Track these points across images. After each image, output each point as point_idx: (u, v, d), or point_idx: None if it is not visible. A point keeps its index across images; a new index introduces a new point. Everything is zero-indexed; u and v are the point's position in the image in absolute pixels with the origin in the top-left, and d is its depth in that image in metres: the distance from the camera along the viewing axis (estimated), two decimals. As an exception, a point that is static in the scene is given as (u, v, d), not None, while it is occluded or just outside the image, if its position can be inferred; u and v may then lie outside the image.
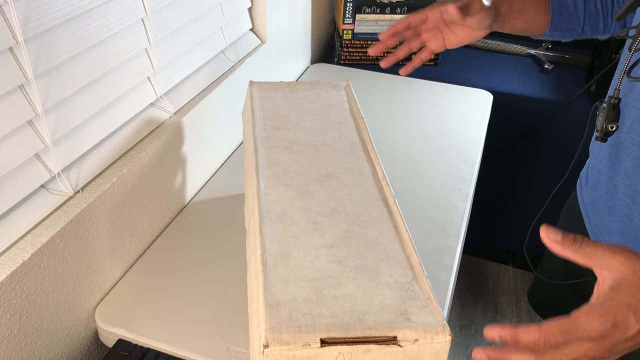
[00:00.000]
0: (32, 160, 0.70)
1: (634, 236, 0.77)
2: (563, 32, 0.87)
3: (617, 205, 0.79)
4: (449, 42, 0.86)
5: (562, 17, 0.86)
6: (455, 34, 0.85)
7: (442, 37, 0.86)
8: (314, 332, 0.49)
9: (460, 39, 0.85)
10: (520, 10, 0.85)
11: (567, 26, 0.86)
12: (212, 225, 0.96)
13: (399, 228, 0.64)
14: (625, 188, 0.77)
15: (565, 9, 0.85)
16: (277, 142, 0.77)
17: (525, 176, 1.67)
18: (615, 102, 0.64)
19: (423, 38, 0.88)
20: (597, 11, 0.85)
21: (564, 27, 0.86)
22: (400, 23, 0.86)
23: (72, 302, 0.77)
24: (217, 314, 0.79)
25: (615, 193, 0.79)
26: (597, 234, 0.85)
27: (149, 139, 0.88)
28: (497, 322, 1.80)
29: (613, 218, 0.80)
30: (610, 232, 0.81)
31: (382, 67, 0.89)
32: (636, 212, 0.75)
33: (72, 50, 0.70)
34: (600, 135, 0.66)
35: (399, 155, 1.16)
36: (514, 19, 0.85)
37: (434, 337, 0.51)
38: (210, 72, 1.04)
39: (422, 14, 0.85)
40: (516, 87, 1.52)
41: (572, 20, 0.86)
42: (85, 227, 0.75)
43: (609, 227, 0.81)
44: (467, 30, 0.84)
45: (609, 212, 0.81)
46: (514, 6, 0.84)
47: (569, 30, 0.87)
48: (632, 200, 0.76)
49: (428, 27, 0.86)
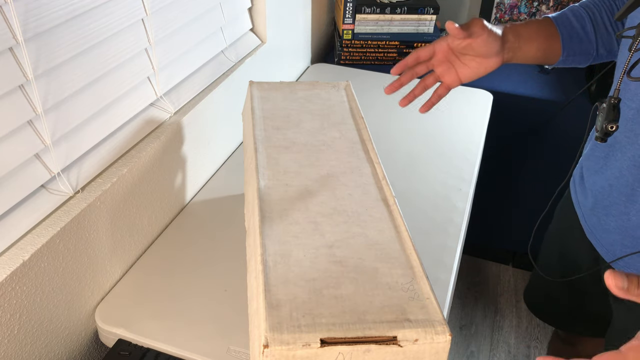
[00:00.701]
0: (32, 160, 0.70)
1: (632, 234, 0.77)
2: (577, 57, 0.86)
3: (614, 204, 0.79)
4: (463, 75, 0.85)
5: (572, 42, 0.85)
6: (467, 65, 0.83)
7: (454, 70, 0.85)
8: (314, 332, 0.49)
9: (473, 70, 0.83)
10: (529, 37, 0.84)
11: (580, 50, 0.86)
12: (212, 225, 0.96)
13: (399, 228, 0.64)
14: (621, 187, 0.77)
15: (575, 34, 0.85)
16: (277, 142, 0.77)
17: (525, 176, 1.67)
18: (615, 102, 0.64)
19: (437, 73, 0.86)
20: (608, 33, 0.85)
21: (577, 52, 0.86)
22: (410, 57, 0.85)
23: (72, 302, 0.77)
24: (217, 314, 0.79)
25: (611, 192, 0.79)
26: (594, 232, 0.85)
27: (149, 139, 0.88)
28: (497, 322, 1.80)
29: (610, 217, 0.80)
30: (608, 231, 0.82)
31: (401, 106, 0.89)
32: (634, 211, 0.76)
33: (72, 50, 0.70)
34: (600, 135, 0.66)
35: (399, 155, 1.16)
36: (524, 46, 0.84)
37: (434, 337, 0.51)
38: (210, 72, 1.04)
39: (430, 47, 0.84)
40: (516, 87, 1.52)
41: (584, 44, 0.85)
42: (85, 227, 0.75)
43: (606, 226, 0.82)
44: (478, 60, 0.82)
45: (605, 211, 0.81)
46: (521, 33, 0.84)
47: (583, 55, 0.86)
48: (629, 198, 0.76)
49: (438, 60, 0.85)
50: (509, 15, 1.74)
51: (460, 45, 0.81)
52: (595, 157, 0.84)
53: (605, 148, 0.80)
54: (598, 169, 0.82)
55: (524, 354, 1.71)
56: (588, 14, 0.85)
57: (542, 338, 1.76)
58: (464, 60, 0.83)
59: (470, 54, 0.82)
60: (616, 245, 0.80)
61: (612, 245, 0.81)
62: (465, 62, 0.84)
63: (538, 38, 0.84)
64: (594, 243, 0.86)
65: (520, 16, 1.73)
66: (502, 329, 1.79)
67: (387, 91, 0.87)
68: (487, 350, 1.72)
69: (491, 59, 0.82)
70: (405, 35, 1.56)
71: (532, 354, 1.71)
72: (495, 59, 0.82)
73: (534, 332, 1.78)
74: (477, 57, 0.82)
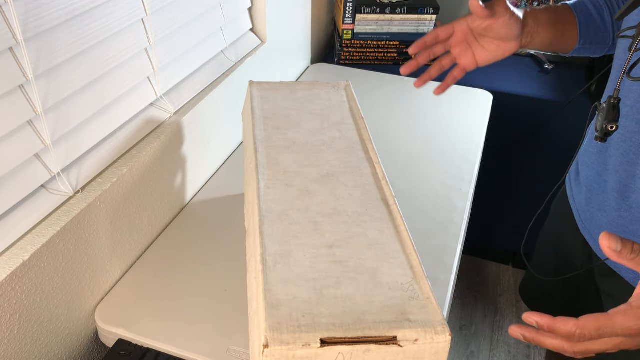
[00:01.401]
0: (32, 160, 0.70)
1: (624, 230, 0.77)
2: (593, 46, 0.86)
3: (607, 200, 0.79)
4: (480, 58, 0.84)
5: (590, 30, 0.84)
6: (485, 48, 0.82)
7: (472, 52, 0.84)
8: (314, 332, 0.49)
9: (491, 53, 0.82)
10: (548, 23, 0.83)
11: (596, 39, 0.85)
12: (212, 225, 0.96)
13: (399, 228, 0.64)
14: (614, 183, 0.77)
15: (593, 23, 0.84)
16: (277, 142, 0.77)
17: (525, 176, 1.67)
18: (615, 102, 0.64)
19: (453, 54, 0.85)
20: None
21: (594, 41, 0.85)
22: (429, 35, 0.84)
23: (72, 302, 0.77)
24: (217, 314, 0.79)
25: (605, 188, 0.80)
26: (588, 228, 0.86)
27: (149, 139, 0.88)
28: (497, 322, 1.80)
29: (603, 213, 0.81)
30: (600, 226, 0.82)
31: (416, 87, 0.88)
32: (625, 207, 0.76)
33: (72, 50, 0.70)
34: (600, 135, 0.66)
35: (399, 155, 1.16)
36: (543, 31, 0.83)
37: (434, 337, 0.51)
38: (210, 72, 1.04)
39: (449, 27, 0.83)
40: (516, 87, 1.52)
41: (601, 33, 0.85)
42: (85, 227, 0.75)
43: (599, 221, 0.82)
44: (497, 43, 0.81)
45: (599, 207, 0.81)
46: (540, 19, 0.83)
47: (599, 44, 0.85)
48: (621, 195, 0.76)
49: (457, 41, 0.84)
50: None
51: (481, 26, 0.80)
52: (590, 153, 0.84)
53: (600, 144, 0.80)
54: (592, 164, 0.83)
55: (524, 354, 1.71)
56: (606, 3, 0.85)
57: (542, 338, 1.76)
58: (482, 42, 0.82)
59: (490, 36, 0.81)
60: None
61: None
62: (483, 45, 0.83)
63: (556, 24, 0.83)
64: (588, 239, 0.86)
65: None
66: (502, 329, 1.79)
67: (404, 71, 0.86)
68: (487, 350, 1.72)
69: (510, 42, 0.81)
70: (405, 35, 1.56)
71: (532, 354, 1.71)
72: (514, 43, 0.82)
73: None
74: (495, 39, 0.81)
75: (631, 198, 0.75)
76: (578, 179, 0.89)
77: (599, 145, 0.81)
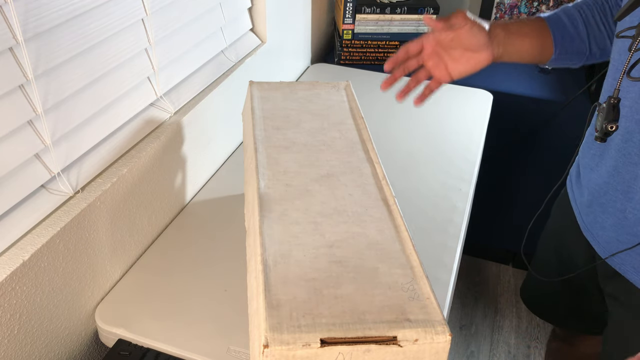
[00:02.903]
0: (32, 160, 0.70)
1: (629, 231, 0.77)
2: (570, 55, 0.87)
3: (610, 201, 0.79)
4: (453, 70, 0.85)
5: (564, 41, 0.85)
6: (457, 60, 0.84)
7: (444, 65, 0.85)
8: (314, 332, 0.49)
9: (463, 64, 0.84)
10: (519, 33, 0.84)
11: (572, 49, 0.86)
12: (212, 225, 0.96)
13: (399, 228, 0.64)
14: (617, 184, 0.77)
15: (567, 33, 0.85)
16: (277, 142, 0.77)
17: (525, 176, 1.67)
18: (615, 102, 0.64)
19: (427, 67, 0.87)
20: (600, 32, 0.85)
21: (569, 50, 0.86)
22: (400, 51, 0.86)
23: (72, 302, 0.77)
24: (217, 314, 0.79)
25: (607, 190, 0.80)
26: (590, 230, 0.85)
27: (149, 139, 0.88)
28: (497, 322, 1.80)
29: (606, 214, 0.81)
30: (604, 228, 0.82)
31: (398, 100, 0.90)
32: (629, 208, 0.76)
33: (72, 50, 0.70)
34: (599, 135, 0.66)
35: (399, 155, 1.16)
36: (515, 41, 0.84)
37: (434, 337, 0.51)
38: (210, 72, 1.04)
39: (418, 41, 0.86)
40: (516, 87, 1.52)
41: (576, 42, 0.86)
42: (85, 227, 0.75)
43: (603, 223, 0.82)
44: (467, 55, 0.83)
45: (602, 208, 0.81)
46: (510, 29, 0.84)
47: (576, 54, 0.86)
48: (625, 196, 0.76)
49: (428, 55, 0.86)
50: (509, 15, 1.74)
51: (446, 38, 0.82)
52: (591, 155, 0.84)
53: (601, 145, 0.80)
54: (594, 166, 0.83)
55: (524, 354, 1.71)
56: (580, 14, 0.86)
57: (542, 338, 1.76)
58: (453, 54, 0.84)
59: (458, 48, 0.82)
60: (612, 242, 0.81)
61: (609, 242, 0.81)
62: (454, 57, 0.84)
63: (529, 35, 0.85)
64: (590, 240, 0.86)
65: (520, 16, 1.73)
66: (502, 329, 1.79)
67: (383, 87, 0.88)
68: (487, 350, 1.72)
69: (480, 53, 0.82)
70: (405, 36, 1.56)
71: (532, 354, 1.71)
72: (484, 53, 0.82)
73: (534, 332, 1.78)
74: (465, 51, 0.82)
75: (635, 199, 0.75)
76: (579, 180, 0.89)
77: (600, 147, 0.80)
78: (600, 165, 0.81)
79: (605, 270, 0.86)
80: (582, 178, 0.87)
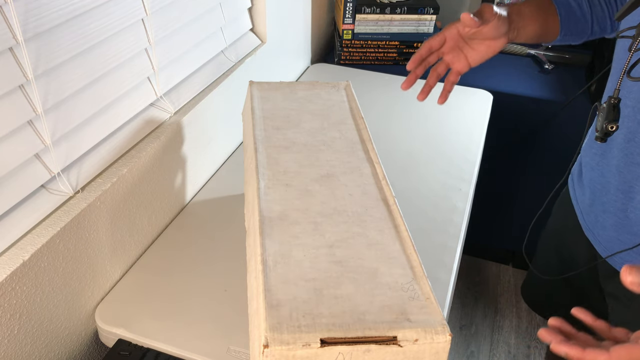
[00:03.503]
0: (32, 160, 0.70)
1: (629, 231, 0.77)
2: (574, 36, 0.88)
3: (611, 201, 0.79)
4: (472, 59, 0.86)
5: (570, 22, 0.86)
6: (476, 49, 0.85)
7: (464, 56, 0.86)
8: (314, 332, 0.49)
9: (481, 53, 0.85)
10: (531, 16, 0.85)
11: (576, 30, 0.87)
12: (212, 225, 0.96)
13: (399, 228, 0.64)
14: (618, 184, 0.77)
15: (573, 14, 0.86)
16: (277, 142, 0.77)
17: (525, 176, 1.67)
18: (615, 102, 0.64)
19: (446, 60, 0.88)
20: (603, 12, 0.86)
21: (574, 31, 0.87)
22: (422, 48, 0.87)
23: (72, 302, 0.77)
24: (217, 314, 0.79)
25: (608, 189, 0.80)
26: (592, 229, 0.85)
27: (149, 139, 0.88)
28: (497, 322, 1.80)
29: (607, 214, 0.81)
30: (604, 227, 0.82)
31: (420, 100, 0.90)
32: (631, 207, 0.76)
33: (72, 50, 0.70)
34: (600, 135, 0.66)
35: (399, 155, 1.16)
36: (527, 25, 0.85)
37: (434, 337, 0.51)
38: (210, 72, 1.04)
39: (440, 35, 0.86)
40: (516, 87, 1.52)
41: (581, 23, 0.87)
42: (85, 227, 0.75)
43: (604, 222, 0.82)
44: (486, 43, 0.84)
45: (603, 208, 0.81)
46: (523, 12, 0.85)
47: (579, 34, 0.88)
48: (626, 195, 0.76)
49: (449, 48, 0.87)
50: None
51: (471, 32, 0.82)
52: (592, 154, 0.84)
53: (603, 145, 0.81)
54: (595, 165, 0.83)
55: (524, 354, 1.71)
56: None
57: (542, 338, 1.76)
58: (472, 44, 0.85)
59: (479, 38, 0.84)
60: (613, 242, 0.81)
61: (610, 241, 0.81)
62: (473, 47, 0.85)
63: (539, 17, 0.86)
64: (592, 239, 0.86)
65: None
66: (502, 329, 1.79)
67: (404, 87, 0.88)
68: (487, 350, 1.72)
69: (499, 40, 0.84)
70: (405, 35, 1.56)
71: (532, 354, 1.71)
72: (502, 39, 0.84)
73: (534, 332, 1.78)
74: (485, 40, 0.84)
75: (636, 198, 0.75)
76: (581, 180, 0.89)
77: (602, 147, 0.81)
78: (602, 165, 0.81)
79: (606, 270, 0.86)
80: (584, 178, 0.88)
